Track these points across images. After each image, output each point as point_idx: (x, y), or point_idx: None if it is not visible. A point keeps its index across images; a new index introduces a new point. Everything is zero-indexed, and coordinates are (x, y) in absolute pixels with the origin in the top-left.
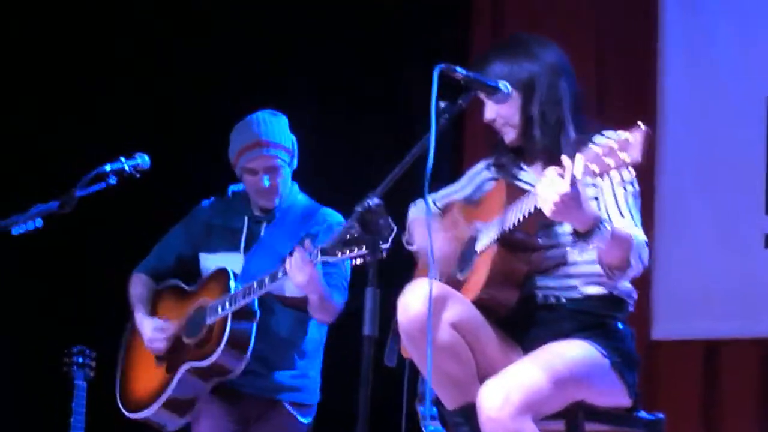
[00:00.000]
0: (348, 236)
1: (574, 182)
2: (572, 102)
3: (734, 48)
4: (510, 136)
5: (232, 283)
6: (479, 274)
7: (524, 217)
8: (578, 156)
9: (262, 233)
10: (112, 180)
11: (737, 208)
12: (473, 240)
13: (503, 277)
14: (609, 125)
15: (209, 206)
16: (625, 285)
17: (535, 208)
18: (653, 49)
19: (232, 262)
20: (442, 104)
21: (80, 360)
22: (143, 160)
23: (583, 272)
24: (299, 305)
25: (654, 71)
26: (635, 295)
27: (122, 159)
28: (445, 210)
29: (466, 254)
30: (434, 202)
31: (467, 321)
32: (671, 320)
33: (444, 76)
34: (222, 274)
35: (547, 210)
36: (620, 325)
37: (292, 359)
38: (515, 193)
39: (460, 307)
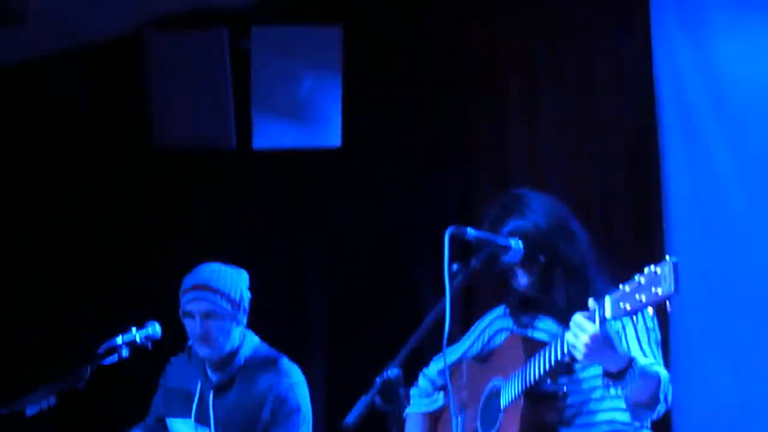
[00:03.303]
0: None
1: (603, 323)
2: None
3: (738, 174)
4: (524, 281)
5: None
6: (508, 431)
7: (550, 366)
8: (607, 297)
9: (212, 403)
10: (124, 352)
11: (751, 336)
12: (493, 397)
13: (534, 431)
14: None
15: (170, 367)
16: None
17: (562, 355)
18: (657, 183)
19: (185, 429)
20: (455, 266)
21: None
22: (154, 329)
23: (602, 420)
24: None
25: (659, 206)
26: None
27: (133, 329)
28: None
29: (488, 413)
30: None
31: None
32: None
33: (455, 238)
34: None
35: (579, 354)
36: None
37: None
38: (532, 344)
39: None
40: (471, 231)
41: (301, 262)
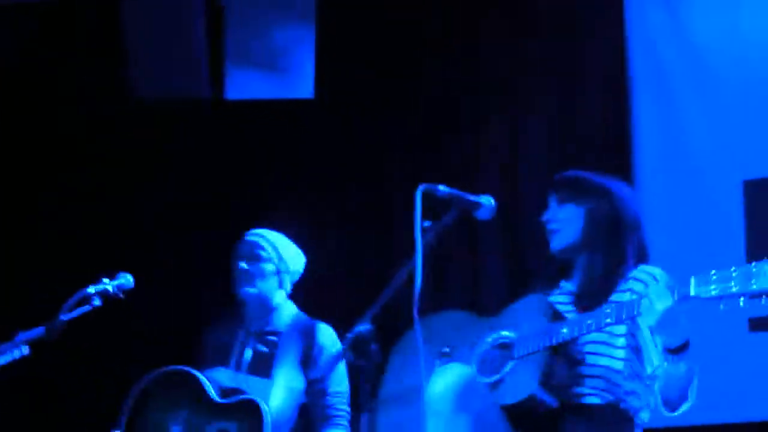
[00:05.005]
0: None
1: (684, 299)
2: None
3: (708, 134)
4: (558, 242)
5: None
6: (523, 378)
7: (587, 330)
8: (692, 277)
9: (250, 355)
10: (97, 302)
11: None
12: (498, 347)
13: (548, 384)
14: None
15: (211, 328)
16: (636, 402)
17: (618, 320)
18: (628, 142)
19: (224, 378)
20: (427, 223)
21: None
22: (126, 279)
23: (593, 375)
24: None
25: (629, 162)
26: (646, 418)
27: (105, 280)
28: None
29: (490, 361)
30: None
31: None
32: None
33: (427, 195)
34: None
35: (653, 320)
36: None
37: None
38: (552, 309)
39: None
40: (442, 188)
41: (273, 214)
